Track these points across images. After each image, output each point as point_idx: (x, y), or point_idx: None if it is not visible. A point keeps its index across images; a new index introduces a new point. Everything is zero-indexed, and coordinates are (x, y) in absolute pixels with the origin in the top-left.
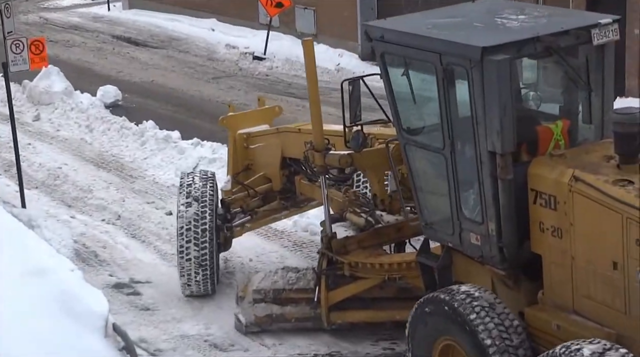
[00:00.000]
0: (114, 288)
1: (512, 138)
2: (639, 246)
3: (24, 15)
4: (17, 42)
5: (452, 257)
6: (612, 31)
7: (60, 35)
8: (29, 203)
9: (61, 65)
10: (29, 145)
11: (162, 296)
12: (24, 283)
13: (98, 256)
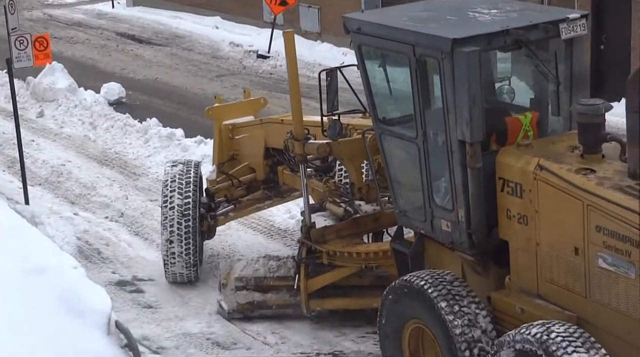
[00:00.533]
0: (117, 286)
1: (481, 128)
2: (598, 232)
3: (28, 11)
4: (21, 39)
5: (425, 244)
6: (580, 26)
7: (64, 32)
8: (32, 200)
9: (65, 62)
10: (33, 142)
11: (165, 293)
12: (27, 280)
13: (101, 253)
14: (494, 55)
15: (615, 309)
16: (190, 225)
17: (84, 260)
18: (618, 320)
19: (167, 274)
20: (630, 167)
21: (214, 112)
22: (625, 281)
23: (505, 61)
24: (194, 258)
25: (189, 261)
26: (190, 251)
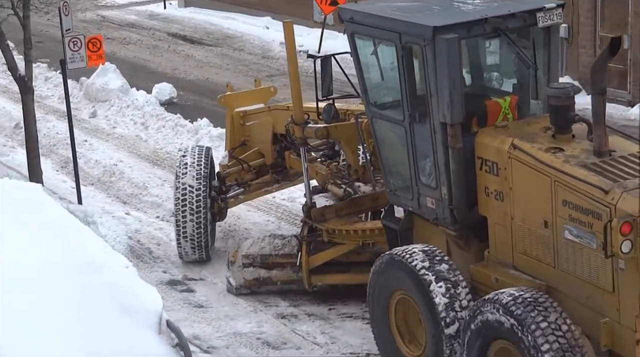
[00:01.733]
0: (168, 285)
1: (460, 110)
2: (565, 206)
3: (81, 13)
4: (75, 40)
5: (413, 220)
6: (557, 15)
7: (117, 32)
8: (85, 199)
9: (117, 62)
10: (86, 142)
11: (215, 293)
12: (79, 279)
13: (152, 253)
14: (480, 43)
15: (579, 277)
16: (202, 207)
17: (135, 259)
18: (581, 287)
19: (180, 253)
20: (595, 146)
21: (226, 100)
22: (588, 251)
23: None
24: (205, 239)
25: (200, 241)
26: (202, 232)
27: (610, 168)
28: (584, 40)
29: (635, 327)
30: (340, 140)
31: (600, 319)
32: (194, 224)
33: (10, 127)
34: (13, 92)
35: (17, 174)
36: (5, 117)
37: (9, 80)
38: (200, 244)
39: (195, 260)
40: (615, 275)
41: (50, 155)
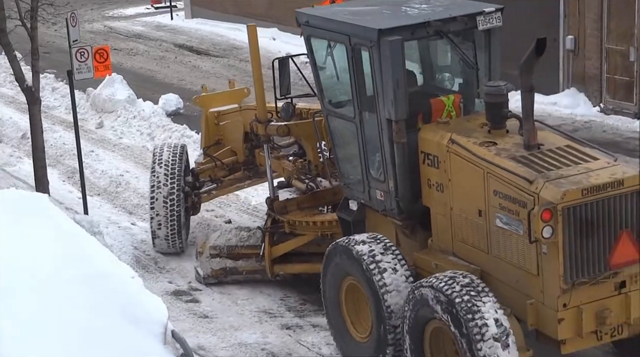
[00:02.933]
0: (173, 295)
1: (404, 107)
2: (496, 196)
3: (89, 23)
4: (82, 51)
5: (365, 212)
6: (496, 18)
7: (124, 43)
8: (91, 210)
9: (124, 73)
10: (92, 153)
11: (221, 303)
12: (85, 289)
13: (158, 263)
14: (432, 44)
15: (508, 261)
16: (175, 201)
17: (141, 270)
18: (510, 271)
19: (155, 245)
20: (525, 140)
21: (201, 101)
22: (516, 237)
23: (445, 51)
24: (179, 231)
25: (174, 233)
26: (176, 225)
27: (536, 160)
28: (589, 52)
29: (557, 307)
30: (300, 138)
31: (527, 300)
32: (168, 217)
33: (18, 137)
34: (20, 103)
35: (24, 184)
36: (12, 128)
37: (17, 91)
38: (174, 236)
39: (169, 251)
40: (539, 259)
41: (57, 165)
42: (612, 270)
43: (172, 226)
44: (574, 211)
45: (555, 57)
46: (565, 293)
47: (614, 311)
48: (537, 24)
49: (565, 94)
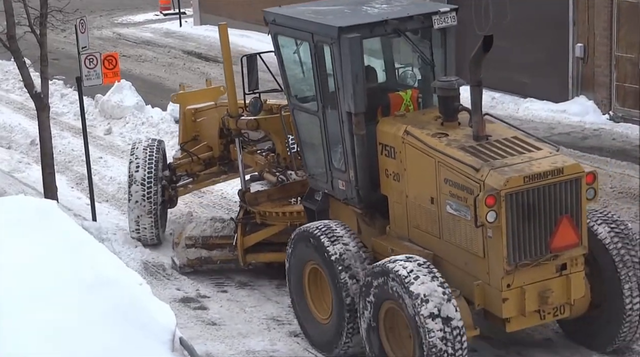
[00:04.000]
0: (181, 302)
1: (363, 101)
2: (446, 184)
3: (97, 30)
4: (91, 57)
5: (329, 201)
6: (451, 17)
7: (132, 50)
8: (99, 216)
9: (133, 80)
10: (101, 159)
11: (229, 311)
12: (93, 296)
13: (166, 270)
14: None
15: (458, 245)
16: (152, 194)
17: (149, 276)
18: (460, 254)
19: (133, 236)
20: (474, 131)
21: (178, 98)
22: (464, 222)
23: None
24: (156, 223)
25: (152, 225)
26: (153, 217)
27: (484, 150)
28: (599, 59)
29: (501, 288)
30: (270, 132)
31: (475, 281)
32: (145, 209)
33: (26, 143)
34: (29, 109)
35: (33, 190)
36: (21, 134)
37: (25, 97)
38: (152, 228)
39: (147, 243)
40: (485, 242)
41: (66, 172)
42: (553, 253)
43: (150, 218)
44: (516, 197)
45: (565, 64)
46: (508, 274)
47: (555, 291)
48: (546, 32)
49: (575, 102)
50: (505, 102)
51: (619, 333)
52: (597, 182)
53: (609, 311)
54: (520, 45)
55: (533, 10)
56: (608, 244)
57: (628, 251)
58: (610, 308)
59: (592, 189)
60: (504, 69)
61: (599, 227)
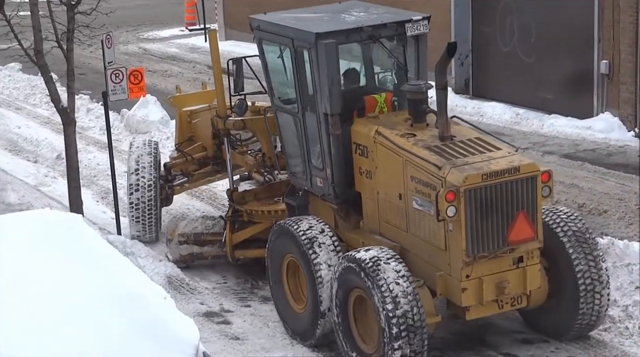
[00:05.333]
0: (205, 316)
1: (338, 103)
2: (412, 181)
3: (124, 45)
4: (117, 72)
5: (308, 197)
6: (423, 25)
7: (158, 65)
8: (124, 230)
9: (158, 94)
10: (126, 173)
11: (252, 325)
12: (116, 309)
13: (189, 284)
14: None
15: (423, 239)
16: (148, 193)
17: (173, 290)
18: (424, 247)
19: (132, 232)
20: (439, 132)
21: (175, 100)
22: (428, 217)
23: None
24: (154, 221)
25: (148, 223)
26: (152, 215)
27: (448, 149)
28: (624, 76)
29: (461, 278)
30: (255, 132)
31: (437, 272)
32: (144, 207)
33: (52, 158)
34: (55, 124)
35: (58, 204)
36: (47, 148)
37: (52, 112)
38: (151, 225)
39: (145, 238)
40: (446, 236)
41: (91, 186)
42: (510, 246)
43: (149, 217)
44: (474, 193)
45: (590, 81)
46: (467, 266)
47: (512, 282)
48: (571, 49)
49: (600, 119)
50: (529, 118)
51: (575, 323)
52: (552, 181)
53: (565, 302)
54: (545, 61)
55: (558, 27)
56: (563, 238)
57: (582, 245)
58: (566, 299)
59: (547, 187)
60: (529, 85)
61: (555, 223)
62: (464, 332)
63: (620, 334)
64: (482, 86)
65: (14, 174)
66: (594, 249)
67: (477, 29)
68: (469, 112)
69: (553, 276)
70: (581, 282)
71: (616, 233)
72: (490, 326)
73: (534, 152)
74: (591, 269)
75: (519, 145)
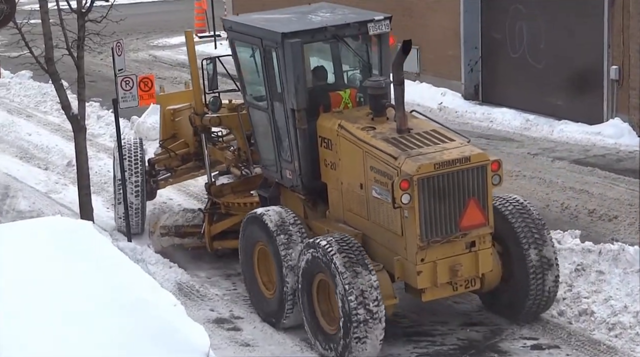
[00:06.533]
0: (215, 323)
1: (304, 98)
2: (372, 171)
3: (134, 53)
4: (127, 79)
5: (280, 189)
6: (384, 25)
7: (168, 72)
8: (134, 237)
9: None
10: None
11: (262, 332)
12: (126, 315)
13: (199, 291)
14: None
15: (382, 225)
16: (133, 188)
17: (183, 297)
18: (383, 233)
19: (117, 223)
20: (397, 125)
21: (159, 99)
22: (386, 205)
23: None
24: (140, 214)
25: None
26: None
27: (404, 141)
28: (634, 82)
29: (416, 262)
30: (231, 128)
31: (395, 257)
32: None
33: (63, 165)
34: (66, 131)
35: (69, 211)
36: (58, 155)
37: (62, 119)
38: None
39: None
40: (403, 222)
41: (101, 193)
42: (462, 232)
43: (135, 211)
44: (427, 181)
45: (600, 87)
46: (422, 250)
47: (464, 266)
48: (581, 55)
49: (610, 124)
50: (539, 124)
51: (525, 305)
52: (501, 170)
53: (517, 284)
54: (554, 67)
55: (567, 32)
56: (515, 224)
57: (532, 230)
58: (518, 282)
59: (497, 176)
60: (539, 91)
61: (507, 210)
62: (474, 338)
63: (632, 340)
64: (492, 92)
65: (25, 181)
66: (543, 234)
67: (487, 35)
68: (478, 118)
69: (506, 260)
70: (530, 265)
71: (627, 239)
72: (499, 331)
73: (544, 158)
74: (540, 253)
75: (528, 151)
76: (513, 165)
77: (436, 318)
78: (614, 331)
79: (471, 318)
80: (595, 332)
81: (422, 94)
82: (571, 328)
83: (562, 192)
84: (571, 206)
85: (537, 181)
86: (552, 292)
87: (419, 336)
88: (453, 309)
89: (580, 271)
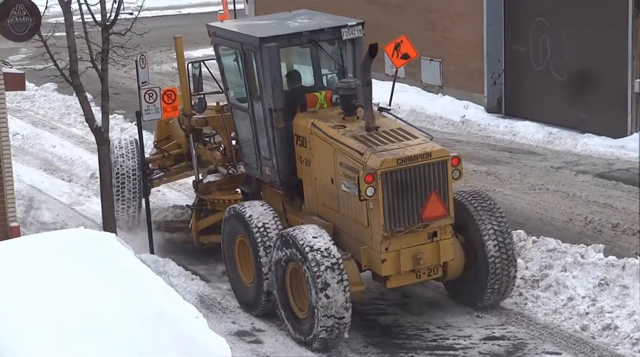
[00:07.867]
0: (236, 336)
1: (281, 99)
2: (341, 166)
3: (157, 65)
4: (151, 92)
5: (260, 185)
6: (357, 30)
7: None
8: (157, 249)
9: None
10: (158, 192)
11: (284, 345)
12: (149, 328)
13: (221, 303)
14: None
15: (350, 217)
16: (128, 186)
17: (205, 309)
18: (352, 224)
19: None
20: (365, 123)
21: None
22: (354, 198)
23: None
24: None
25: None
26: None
27: (371, 138)
28: None
29: (381, 251)
30: (217, 128)
31: (362, 246)
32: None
33: (87, 177)
34: (90, 143)
35: (92, 223)
36: (81, 167)
37: (86, 131)
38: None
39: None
40: (369, 214)
41: None
42: (424, 222)
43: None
44: (390, 175)
45: (624, 100)
46: (386, 240)
47: (426, 255)
48: (605, 68)
49: (633, 138)
50: (562, 137)
51: (485, 292)
52: (461, 165)
53: (477, 273)
54: (578, 80)
55: (591, 45)
56: (476, 217)
57: (491, 222)
58: (478, 271)
59: (457, 170)
60: (562, 104)
61: (468, 203)
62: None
63: None
64: (515, 105)
65: (49, 193)
66: (502, 226)
67: (510, 48)
68: (501, 131)
69: (469, 250)
70: (490, 255)
71: None
72: (522, 346)
73: (567, 172)
74: (499, 244)
75: (552, 165)
76: (536, 178)
77: (460, 332)
78: (637, 346)
79: (494, 332)
80: (619, 347)
81: (444, 107)
82: (594, 343)
83: (586, 206)
84: (595, 220)
85: (561, 195)
86: (510, 281)
87: (442, 350)
88: (475, 323)
89: (603, 285)
